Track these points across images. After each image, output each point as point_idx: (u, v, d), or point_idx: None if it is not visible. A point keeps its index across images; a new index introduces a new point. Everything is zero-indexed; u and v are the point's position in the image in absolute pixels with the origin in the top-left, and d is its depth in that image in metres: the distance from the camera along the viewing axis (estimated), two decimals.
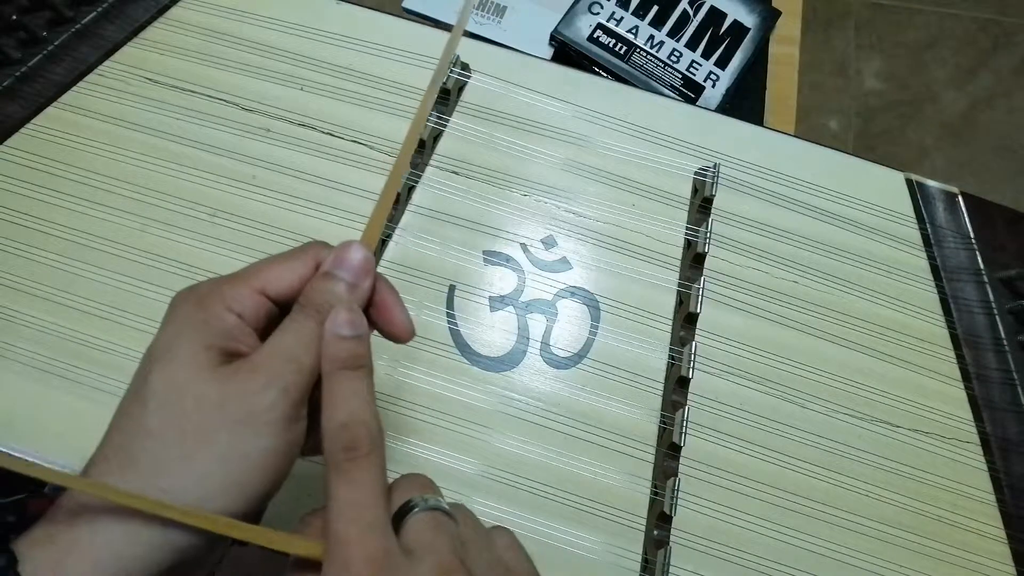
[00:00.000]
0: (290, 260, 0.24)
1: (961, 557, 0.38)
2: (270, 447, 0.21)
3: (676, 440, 0.37)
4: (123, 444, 0.21)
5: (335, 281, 0.24)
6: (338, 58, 0.45)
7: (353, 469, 0.21)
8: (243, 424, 0.21)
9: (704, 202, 0.43)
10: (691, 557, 0.36)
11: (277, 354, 0.22)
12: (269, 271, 0.24)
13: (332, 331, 0.23)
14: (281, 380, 0.22)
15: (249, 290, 0.23)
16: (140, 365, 0.23)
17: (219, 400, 0.21)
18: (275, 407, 0.21)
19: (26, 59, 0.43)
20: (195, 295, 0.23)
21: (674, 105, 0.47)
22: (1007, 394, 0.41)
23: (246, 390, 0.21)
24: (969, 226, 0.44)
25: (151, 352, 0.23)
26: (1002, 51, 1.37)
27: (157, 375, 0.22)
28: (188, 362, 0.22)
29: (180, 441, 0.21)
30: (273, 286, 0.24)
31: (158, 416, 0.21)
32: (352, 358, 0.22)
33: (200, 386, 0.21)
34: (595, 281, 0.42)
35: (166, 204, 0.41)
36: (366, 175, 0.42)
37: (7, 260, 0.39)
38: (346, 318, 0.23)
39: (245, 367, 0.22)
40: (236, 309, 0.23)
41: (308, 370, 0.22)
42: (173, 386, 0.21)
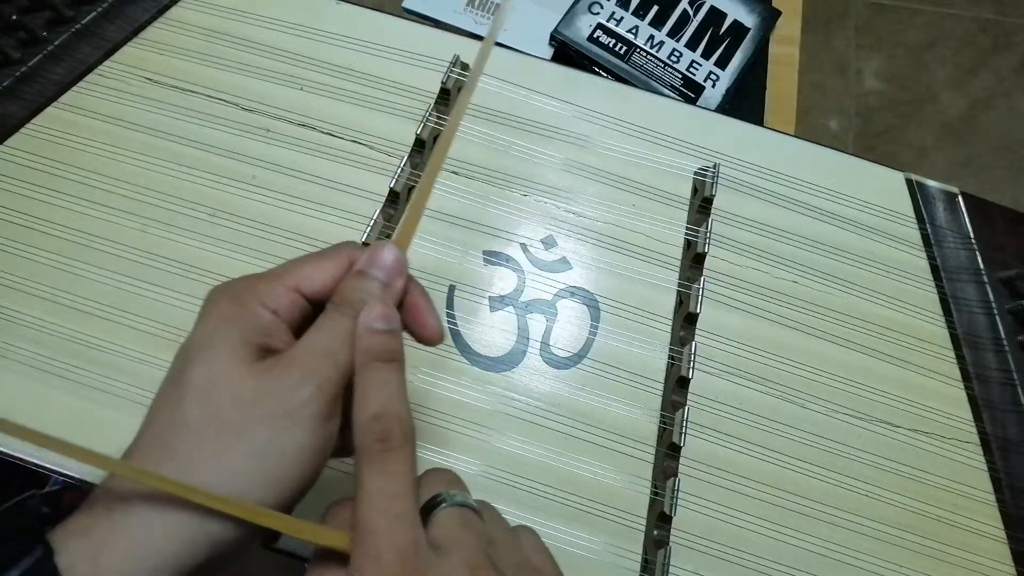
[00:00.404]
0: (324, 259, 0.25)
1: (961, 557, 0.38)
2: (305, 443, 0.21)
3: (676, 440, 0.37)
4: (159, 436, 0.21)
5: (369, 280, 0.24)
6: (338, 58, 0.45)
7: (386, 460, 0.21)
8: (279, 419, 0.21)
9: (704, 202, 0.43)
10: (691, 557, 0.36)
11: (313, 351, 0.22)
12: (303, 269, 0.24)
13: (366, 324, 0.23)
14: (317, 376, 0.22)
15: (284, 288, 0.24)
16: (176, 360, 0.23)
17: (256, 395, 0.21)
18: (311, 403, 0.22)
19: (26, 59, 0.43)
20: (231, 291, 0.23)
21: (674, 105, 0.47)
22: (1007, 394, 0.41)
23: (282, 385, 0.21)
24: (969, 226, 0.44)
25: (188, 346, 0.23)
26: (1002, 51, 1.37)
27: (195, 369, 0.22)
28: (225, 357, 0.22)
29: (217, 435, 0.21)
30: (307, 284, 0.24)
31: (196, 409, 0.21)
32: (385, 351, 0.23)
33: (237, 380, 0.21)
34: (595, 281, 0.42)
35: (166, 204, 0.41)
36: (366, 175, 0.42)
37: (7, 260, 0.39)
38: (380, 312, 0.23)
39: (281, 363, 0.22)
40: (271, 306, 0.23)
41: (343, 367, 0.23)
42: (211, 380, 0.21)
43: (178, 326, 0.38)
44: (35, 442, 0.21)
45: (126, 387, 0.37)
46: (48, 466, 0.35)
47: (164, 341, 0.38)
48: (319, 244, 0.40)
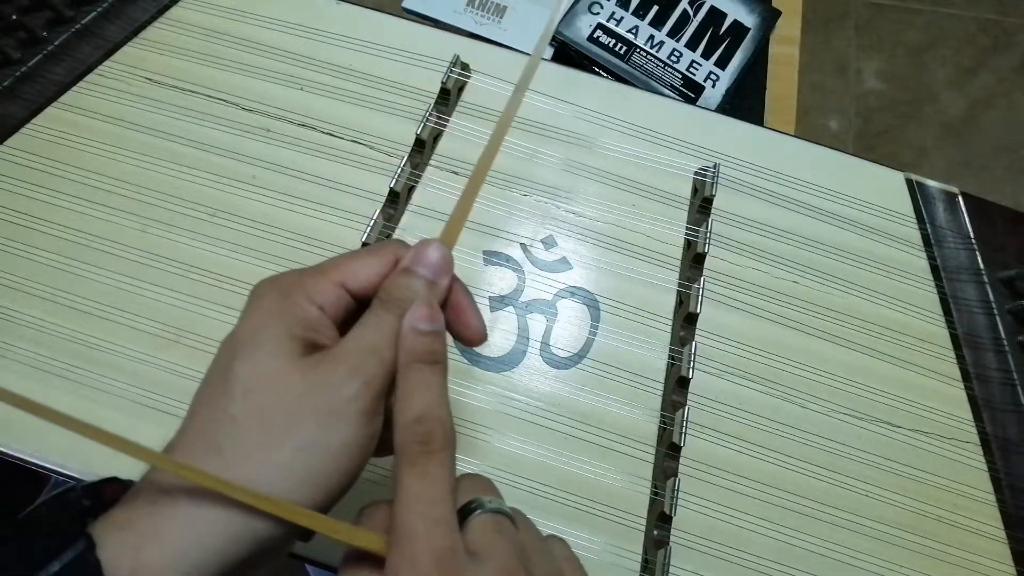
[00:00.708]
0: (370, 256, 0.24)
1: (961, 557, 0.38)
2: (351, 439, 0.21)
3: (676, 440, 0.37)
4: (205, 430, 0.21)
5: (415, 277, 0.24)
6: (338, 58, 0.45)
7: (427, 463, 0.21)
8: (326, 415, 0.21)
9: (704, 202, 0.43)
10: (691, 557, 0.36)
11: (359, 347, 0.22)
12: (349, 265, 0.24)
13: (410, 325, 0.23)
14: (363, 373, 0.22)
15: (330, 283, 0.23)
16: (220, 352, 0.23)
17: (303, 390, 0.21)
18: (357, 399, 0.21)
19: (26, 59, 0.43)
20: (277, 286, 0.23)
21: (674, 105, 0.47)
22: (1007, 394, 0.41)
23: (329, 381, 0.21)
24: (969, 226, 0.44)
25: (235, 339, 0.22)
26: (1002, 51, 1.37)
27: (241, 364, 0.22)
28: (273, 351, 0.22)
29: (264, 430, 0.21)
30: (352, 280, 0.24)
31: (243, 404, 0.21)
32: (429, 353, 0.23)
33: (284, 375, 0.21)
34: (595, 281, 0.42)
35: (166, 204, 0.41)
36: (366, 175, 0.42)
37: (7, 260, 0.39)
38: (424, 313, 0.23)
39: (328, 358, 0.22)
40: (318, 301, 0.23)
41: (389, 363, 0.22)
42: (258, 374, 0.21)
43: (178, 326, 0.38)
44: (83, 433, 0.20)
45: (126, 387, 0.37)
46: (48, 466, 0.35)
47: (164, 341, 0.38)
48: (319, 244, 0.40)
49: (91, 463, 0.35)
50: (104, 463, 0.35)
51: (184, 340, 0.38)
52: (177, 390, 0.37)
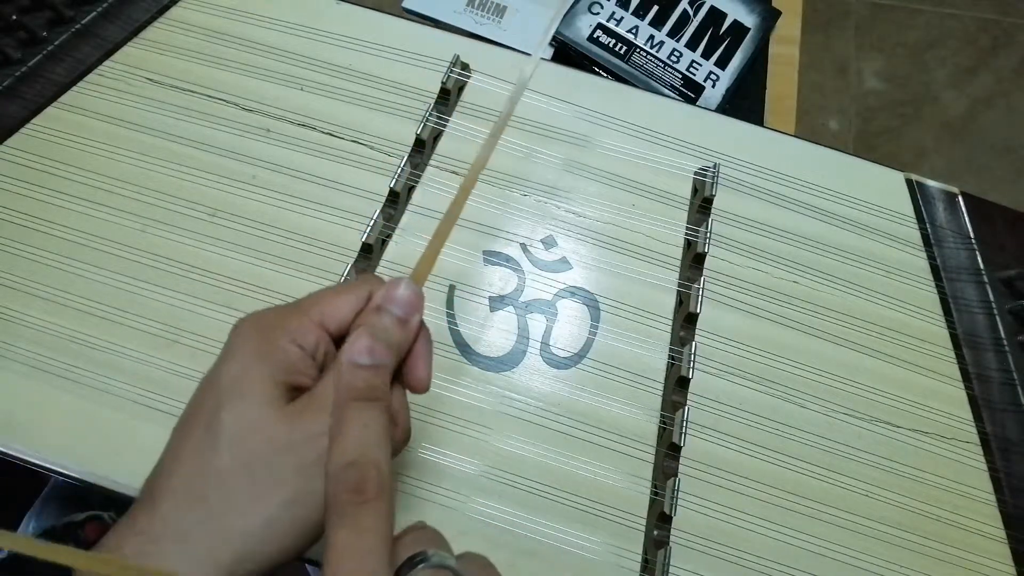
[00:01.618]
0: (346, 293, 0.25)
1: (961, 557, 0.38)
2: None
3: (676, 440, 0.37)
4: (191, 481, 0.21)
5: (388, 316, 0.24)
6: (338, 58, 0.45)
7: (358, 514, 0.20)
8: (311, 467, 0.21)
9: (704, 202, 0.43)
10: (691, 557, 0.36)
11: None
12: (327, 303, 0.24)
13: (348, 358, 0.22)
14: None
15: (310, 323, 0.24)
16: (203, 394, 0.23)
17: (288, 442, 0.21)
18: None
19: (26, 59, 0.43)
20: (259, 327, 0.23)
21: (674, 105, 0.47)
22: (1007, 394, 0.41)
23: (312, 432, 0.21)
24: (969, 226, 0.44)
25: (218, 384, 0.22)
26: (1002, 51, 1.37)
27: (227, 413, 0.22)
28: (258, 400, 0.22)
29: (251, 483, 0.21)
30: (330, 319, 0.24)
31: (229, 456, 0.21)
32: (368, 389, 0.22)
33: (269, 427, 0.21)
34: (595, 281, 0.42)
35: (166, 204, 0.41)
36: (366, 175, 0.42)
37: (7, 260, 0.39)
38: (365, 345, 0.22)
39: (311, 407, 0.22)
40: (299, 341, 0.23)
41: None
42: (244, 425, 0.21)
43: (178, 326, 0.38)
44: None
45: (126, 387, 0.37)
46: (48, 466, 0.35)
47: (164, 341, 0.38)
48: (319, 244, 0.41)
49: (91, 463, 0.35)
50: (104, 463, 0.35)
51: (184, 340, 0.38)
52: (177, 390, 0.37)
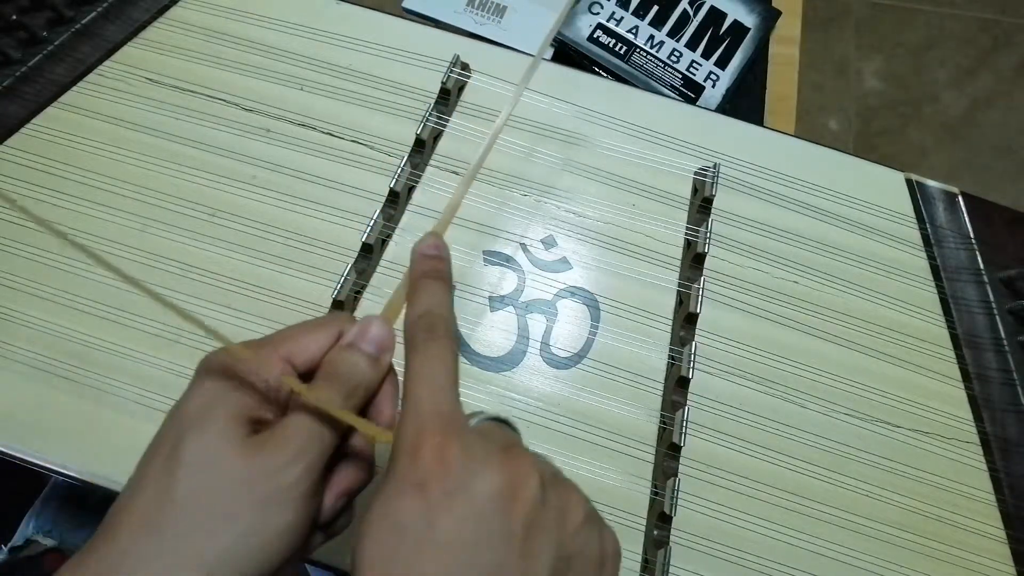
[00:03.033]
0: (315, 330, 0.25)
1: (961, 557, 0.38)
2: (291, 523, 0.22)
3: (676, 440, 0.37)
4: (148, 511, 0.21)
5: (358, 353, 0.24)
6: (338, 58, 0.45)
7: (430, 347, 0.23)
8: (268, 501, 0.22)
9: (704, 202, 0.43)
10: (691, 557, 0.36)
11: (301, 428, 0.23)
12: (295, 341, 0.25)
13: (419, 251, 0.26)
14: (305, 456, 0.22)
15: (277, 359, 0.24)
16: (166, 426, 0.23)
17: (246, 476, 0.22)
18: (298, 484, 0.22)
19: (26, 59, 0.43)
20: (225, 362, 0.24)
21: (674, 105, 0.47)
22: (1007, 394, 0.41)
23: (271, 467, 0.22)
24: (969, 226, 0.44)
25: (180, 416, 0.23)
26: (1002, 51, 1.37)
27: (187, 445, 0.22)
28: (219, 433, 0.22)
29: (207, 515, 0.21)
30: (298, 356, 0.24)
31: (187, 487, 0.21)
32: (434, 271, 0.26)
33: (228, 460, 0.22)
34: (595, 281, 0.42)
35: (166, 204, 0.41)
36: (366, 175, 0.42)
37: (7, 260, 0.39)
38: (432, 242, 0.26)
39: (271, 441, 0.22)
40: (264, 377, 0.24)
41: (329, 445, 0.23)
42: (203, 458, 0.22)
43: (178, 326, 0.38)
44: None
45: (126, 387, 0.37)
46: (48, 466, 0.35)
47: (164, 341, 0.38)
48: (319, 244, 0.41)
49: (91, 463, 0.35)
50: (104, 463, 0.35)
51: (184, 340, 0.38)
52: (177, 390, 0.36)
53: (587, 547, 0.22)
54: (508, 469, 0.21)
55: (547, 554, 0.21)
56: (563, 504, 0.22)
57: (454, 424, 0.21)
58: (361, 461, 0.25)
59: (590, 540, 0.22)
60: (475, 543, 0.20)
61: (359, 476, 0.25)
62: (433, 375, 0.22)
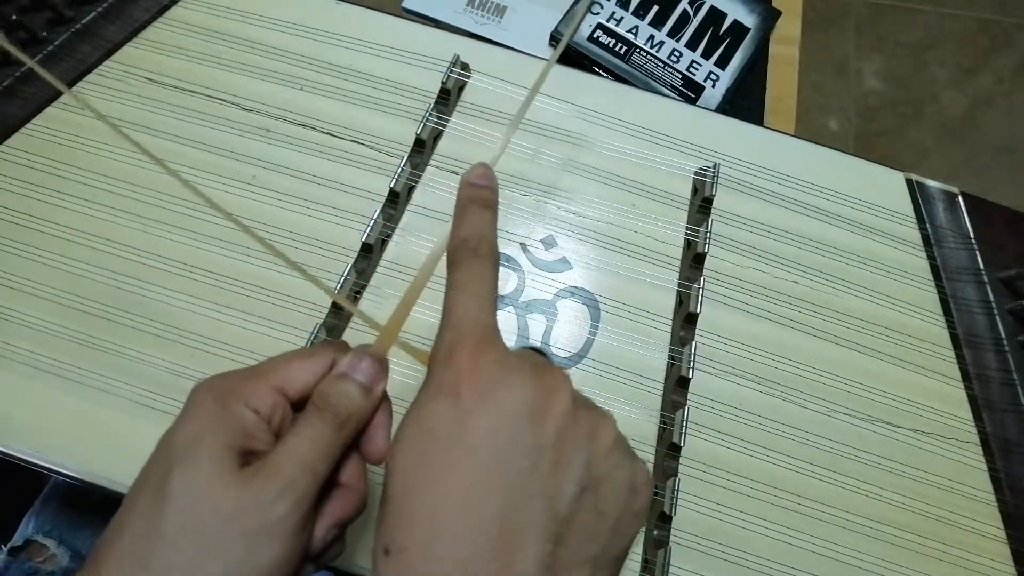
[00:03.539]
0: (307, 359, 0.25)
1: (961, 557, 0.38)
2: (280, 557, 0.22)
3: (676, 440, 0.37)
4: (136, 545, 0.21)
5: (351, 383, 0.24)
6: (338, 58, 0.45)
7: (474, 263, 0.23)
8: (256, 536, 0.21)
9: (704, 202, 0.43)
10: (691, 557, 0.36)
11: (292, 460, 0.22)
12: (287, 370, 0.24)
13: (467, 180, 0.26)
14: (295, 489, 0.22)
15: (267, 388, 0.24)
16: (156, 456, 0.23)
17: (234, 509, 0.21)
18: (288, 518, 0.22)
19: None
20: (216, 392, 0.23)
21: (674, 105, 0.47)
22: (1007, 394, 0.41)
23: (261, 500, 0.22)
24: (969, 226, 0.44)
25: (171, 447, 0.23)
26: (1002, 51, 1.37)
27: (177, 477, 0.22)
28: (209, 465, 0.22)
29: (194, 550, 0.21)
30: (290, 385, 0.24)
31: (174, 520, 0.21)
32: (482, 199, 0.25)
33: (218, 492, 0.21)
34: (595, 281, 0.42)
35: (166, 204, 0.41)
36: (366, 175, 0.42)
37: (7, 260, 0.39)
38: (480, 171, 0.26)
39: (261, 473, 0.22)
40: (254, 406, 0.23)
41: (320, 476, 0.23)
42: (192, 491, 0.21)
43: (178, 326, 0.38)
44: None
45: (126, 387, 0.37)
46: (48, 466, 0.35)
47: (164, 341, 0.38)
48: (319, 244, 0.41)
49: (91, 463, 0.35)
50: (104, 463, 0.35)
51: (184, 340, 0.38)
52: (177, 390, 0.37)
53: (618, 470, 0.22)
54: (541, 381, 0.21)
55: (576, 468, 0.21)
56: (594, 424, 0.23)
57: (489, 334, 0.22)
58: (353, 491, 0.25)
59: (622, 464, 0.23)
60: (505, 449, 0.20)
61: (351, 506, 0.25)
62: (473, 288, 0.23)
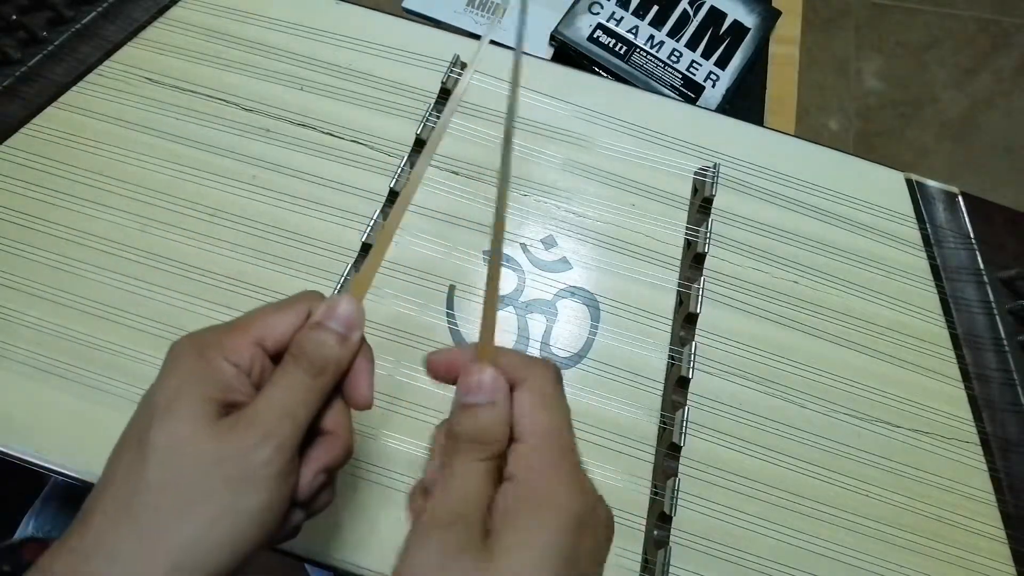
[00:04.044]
0: (283, 311, 0.25)
1: (961, 557, 0.38)
2: (264, 503, 0.22)
3: (676, 440, 0.37)
4: (121, 497, 0.21)
5: (325, 331, 0.24)
6: (338, 58, 0.45)
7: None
8: (240, 482, 0.22)
9: (704, 202, 0.43)
10: (691, 557, 0.36)
11: (272, 408, 0.23)
12: (264, 321, 0.24)
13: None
14: (277, 436, 0.22)
15: (246, 341, 0.24)
16: (138, 413, 0.23)
17: (217, 457, 0.21)
18: (270, 464, 0.22)
19: (26, 59, 0.43)
20: (195, 346, 0.24)
21: (674, 105, 0.47)
22: (1007, 394, 0.41)
23: (242, 447, 0.22)
24: (969, 226, 0.44)
25: (151, 402, 0.23)
26: (1002, 51, 1.37)
27: (158, 429, 0.22)
28: (189, 417, 0.22)
29: (179, 498, 0.21)
30: (268, 337, 0.24)
31: (158, 471, 0.21)
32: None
33: (199, 443, 0.22)
34: (595, 281, 0.42)
35: (166, 204, 0.41)
36: (366, 175, 0.42)
37: (7, 260, 0.39)
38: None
39: (242, 422, 0.22)
40: (234, 360, 0.23)
41: (302, 424, 0.23)
42: (174, 441, 0.22)
43: (178, 326, 0.38)
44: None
45: (126, 387, 0.37)
46: (48, 466, 0.35)
47: (164, 341, 0.38)
48: (319, 244, 0.40)
49: (91, 463, 0.35)
50: (103, 463, 0.35)
51: None
52: None
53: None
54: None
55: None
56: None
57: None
58: (338, 437, 0.25)
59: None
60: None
61: (337, 452, 0.25)
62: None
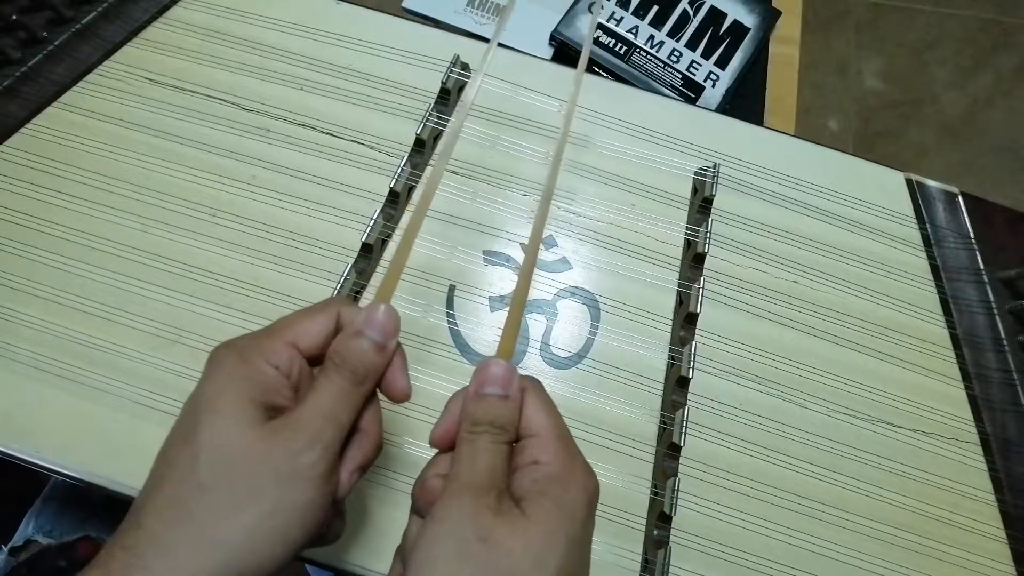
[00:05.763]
0: (315, 315, 0.26)
1: (961, 557, 0.38)
2: (312, 500, 0.23)
3: (676, 440, 0.37)
4: (175, 496, 0.22)
5: (366, 340, 0.25)
6: (338, 58, 0.45)
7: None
8: (289, 480, 0.23)
9: (704, 202, 0.43)
10: (691, 557, 0.36)
11: (317, 413, 0.24)
12: (299, 326, 0.26)
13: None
14: (322, 439, 0.23)
15: (283, 344, 0.25)
16: (184, 415, 0.24)
17: (265, 456, 0.22)
18: (317, 464, 0.23)
19: (26, 59, 0.43)
20: (236, 349, 0.24)
21: (674, 105, 0.47)
22: (1007, 394, 0.41)
23: (290, 449, 0.23)
24: (969, 226, 0.44)
25: (197, 404, 0.24)
26: (1002, 51, 1.37)
27: (205, 430, 0.23)
28: (235, 417, 0.23)
29: (230, 495, 0.22)
30: (303, 340, 0.25)
31: (210, 470, 0.22)
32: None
33: (247, 442, 0.23)
34: (595, 281, 0.42)
35: (166, 204, 0.41)
36: (366, 175, 0.42)
37: (7, 260, 0.39)
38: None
39: (288, 426, 0.23)
40: (273, 362, 0.24)
41: (345, 427, 0.24)
42: (222, 441, 0.22)
43: (178, 326, 0.38)
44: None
45: (126, 387, 0.37)
46: (48, 466, 0.35)
47: (164, 341, 0.38)
48: (319, 244, 0.40)
49: (91, 463, 0.35)
50: (104, 463, 0.35)
51: (184, 340, 0.38)
52: (177, 390, 0.37)
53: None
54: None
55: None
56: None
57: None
58: (371, 435, 0.26)
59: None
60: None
61: (369, 449, 0.26)
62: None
